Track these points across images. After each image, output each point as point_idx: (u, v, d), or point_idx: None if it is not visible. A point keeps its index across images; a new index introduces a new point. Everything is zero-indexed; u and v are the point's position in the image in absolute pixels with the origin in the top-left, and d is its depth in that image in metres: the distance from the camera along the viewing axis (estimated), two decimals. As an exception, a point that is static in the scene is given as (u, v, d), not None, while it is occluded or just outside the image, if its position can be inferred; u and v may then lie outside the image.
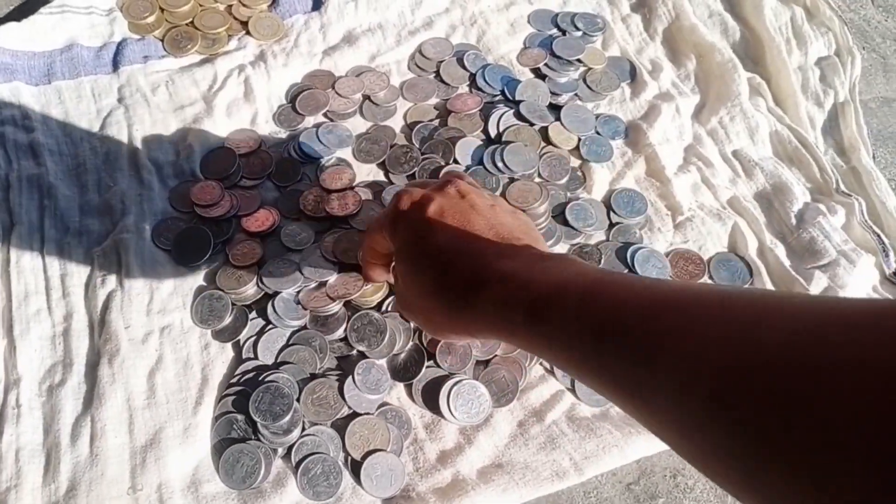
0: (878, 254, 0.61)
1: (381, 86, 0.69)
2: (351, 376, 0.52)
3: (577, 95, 0.71)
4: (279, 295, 0.55)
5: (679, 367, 0.26)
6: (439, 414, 0.52)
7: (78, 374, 0.52)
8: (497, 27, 0.75)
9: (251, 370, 0.53)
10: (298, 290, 0.56)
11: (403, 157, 0.64)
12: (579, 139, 0.67)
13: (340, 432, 0.51)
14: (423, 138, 0.66)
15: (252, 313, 0.55)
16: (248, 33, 0.71)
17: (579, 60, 0.72)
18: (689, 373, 0.26)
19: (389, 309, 0.56)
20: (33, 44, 0.67)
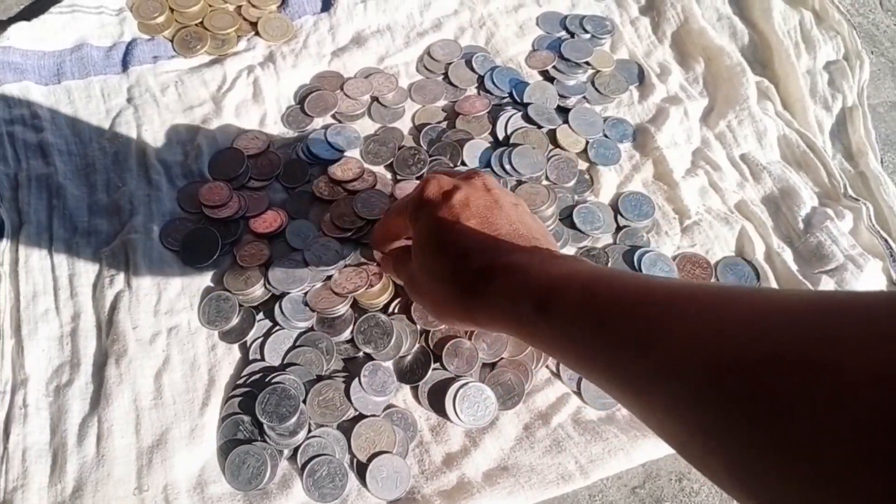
0: (886, 259, 0.61)
1: (389, 87, 0.69)
2: (357, 378, 0.52)
3: (585, 98, 0.70)
4: (287, 296, 0.56)
5: (672, 360, 0.27)
6: (445, 416, 0.52)
7: (85, 374, 0.52)
8: (506, 29, 0.75)
9: (258, 371, 0.53)
10: (306, 290, 0.56)
11: (411, 159, 0.64)
12: (587, 142, 0.67)
13: (346, 434, 0.51)
14: (431, 140, 0.66)
15: (259, 315, 0.56)
16: (257, 34, 0.71)
17: (587, 63, 0.72)
18: (681, 365, 0.26)
19: (396, 311, 0.56)
20: (43, 43, 0.68)
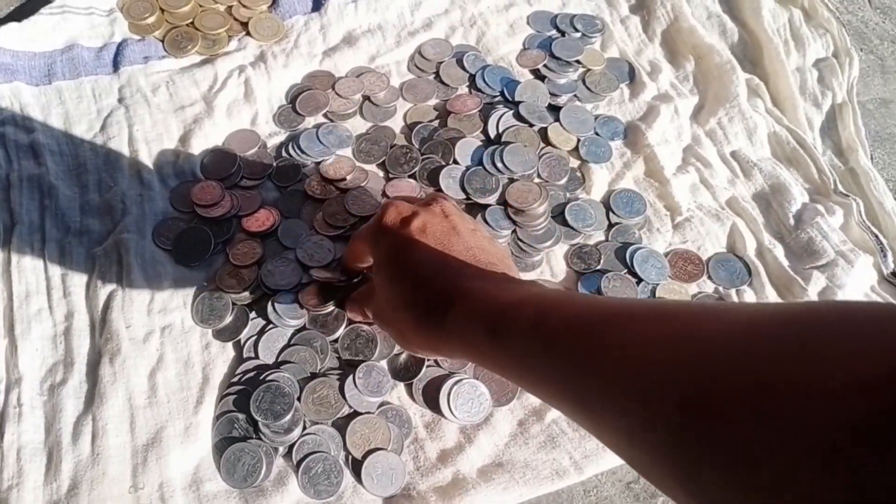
0: (877, 254, 0.61)
1: (380, 86, 0.69)
2: (352, 378, 0.52)
3: (576, 96, 0.71)
4: (279, 294, 0.56)
5: (617, 379, 0.28)
6: (440, 413, 0.52)
7: (79, 373, 0.52)
8: (496, 28, 0.75)
9: (252, 369, 0.53)
10: (297, 289, 0.56)
11: (403, 158, 0.64)
12: (578, 140, 0.67)
13: (341, 431, 0.51)
14: (422, 139, 0.66)
15: (252, 313, 0.56)
16: (248, 34, 0.71)
17: (578, 62, 0.72)
18: (626, 383, 0.27)
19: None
20: (34, 44, 0.68)
